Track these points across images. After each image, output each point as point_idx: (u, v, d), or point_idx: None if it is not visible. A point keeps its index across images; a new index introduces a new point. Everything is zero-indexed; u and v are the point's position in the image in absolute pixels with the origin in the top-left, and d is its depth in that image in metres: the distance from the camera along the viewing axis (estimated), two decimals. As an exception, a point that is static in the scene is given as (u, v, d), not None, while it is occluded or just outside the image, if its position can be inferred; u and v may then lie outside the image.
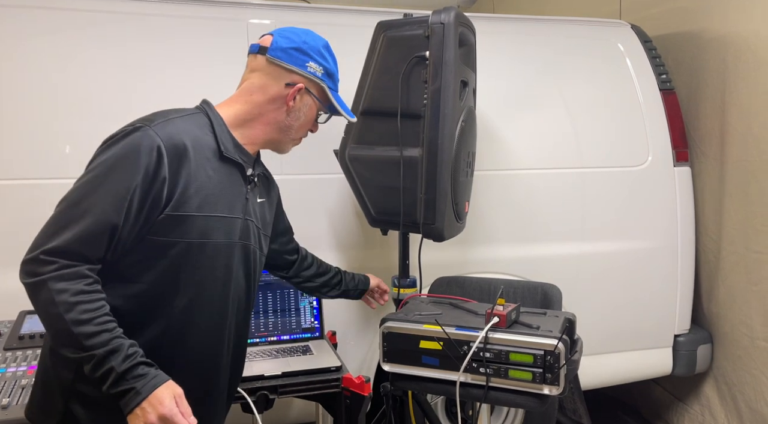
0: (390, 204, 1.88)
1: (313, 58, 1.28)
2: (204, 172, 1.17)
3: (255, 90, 1.26)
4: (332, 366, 1.72)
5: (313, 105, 1.32)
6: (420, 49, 1.77)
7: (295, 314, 2.00)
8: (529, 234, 2.40)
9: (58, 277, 1.04)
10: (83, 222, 1.06)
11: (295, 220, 2.24)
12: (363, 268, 2.31)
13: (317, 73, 1.29)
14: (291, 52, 1.25)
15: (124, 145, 1.10)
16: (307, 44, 1.28)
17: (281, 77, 1.25)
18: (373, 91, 1.86)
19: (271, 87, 1.25)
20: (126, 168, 1.08)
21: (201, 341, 1.24)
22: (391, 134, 1.84)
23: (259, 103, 1.25)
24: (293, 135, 1.33)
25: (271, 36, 1.28)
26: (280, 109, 1.26)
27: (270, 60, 1.25)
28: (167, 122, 1.15)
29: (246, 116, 1.25)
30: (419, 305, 1.83)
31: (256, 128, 1.27)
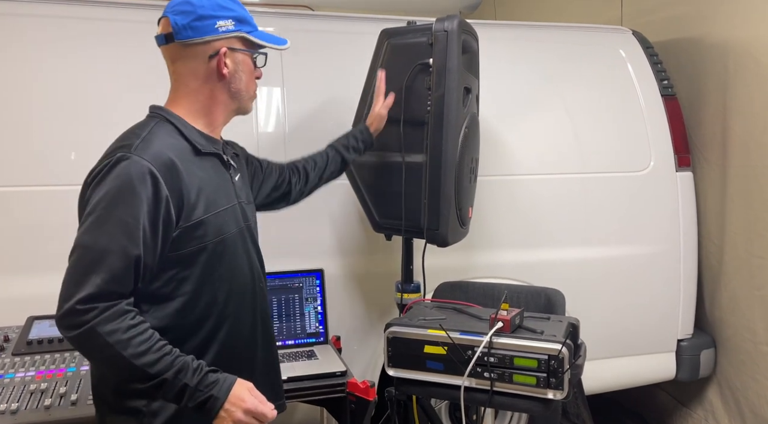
0: (394, 209, 1.89)
1: (217, 16, 1.19)
2: (195, 175, 1.18)
3: (187, 77, 1.21)
4: (337, 371, 1.73)
5: (245, 58, 1.25)
6: (423, 56, 1.79)
7: (299, 319, 2.01)
8: (532, 239, 2.41)
9: (103, 320, 1.05)
10: (106, 263, 1.06)
11: (299, 225, 2.26)
12: (367, 273, 2.33)
13: (230, 29, 1.20)
14: (195, 25, 1.17)
15: (115, 179, 1.08)
16: (203, 8, 1.18)
17: (202, 53, 1.19)
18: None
19: (199, 67, 1.20)
20: (127, 200, 1.08)
21: (241, 326, 1.29)
22: (395, 140, 1.86)
23: (198, 88, 1.21)
24: (245, 94, 1.28)
25: (167, 18, 1.19)
26: (219, 81, 1.22)
27: (183, 43, 1.18)
28: (144, 143, 1.13)
29: (197, 105, 1.22)
30: (423, 309, 1.84)
31: (213, 111, 1.24)
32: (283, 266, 2.16)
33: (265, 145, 2.23)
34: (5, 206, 1.89)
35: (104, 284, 1.05)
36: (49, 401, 1.43)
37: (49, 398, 1.43)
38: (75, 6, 2.04)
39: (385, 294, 2.35)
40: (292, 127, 2.28)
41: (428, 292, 2.12)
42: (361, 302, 2.34)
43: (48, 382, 1.49)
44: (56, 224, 1.99)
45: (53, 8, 2.01)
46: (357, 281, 2.33)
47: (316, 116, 2.30)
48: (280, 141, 2.26)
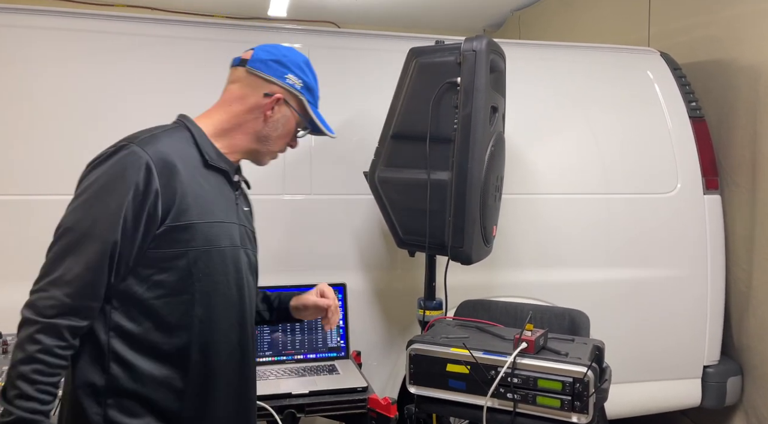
0: (418, 226, 1.90)
1: (292, 70, 1.28)
2: (196, 181, 1.18)
3: (234, 100, 1.27)
4: (359, 386, 1.73)
5: (292, 117, 1.31)
6: (451, 75, 1.80)
7: (321, 333, 2.02)
8: (556, 259, 2.39)
9: (44, 330, 1.05)
10: (83, 247, 1.08)
11: (322, 239, 2.28)
12: (389, 288, 2.33)
13: (296, 86, 1.29)
14: (270, 64, 1.27)
15: (111, 165, 1.11)
16: (287, 58, 1.29)
17: (260, 87, 1.26)
18: (403, 115, 1.90)
19: (250, 97, 1.26)
20: (116, 187, 1.09)
21: (228, 348, 1.23)
22: (421, 158, 1.87)
23: (237, 112, 1.26)
24: (271, 146, 1.32)
25: (252, 50, 1.29)
26: (258, 118, 1.26)
27: (249, 71, 1.27)
28: (152, 138, 1.16)
29: (225, 125, 1.26)
30: (446, 327, 1.83)
31: (236, 137, 1.27)
32: (305, 280, 2.18)
33: (291, 160, 2.27)
34: (19, 214, 1.94)
35: (78, 277, 1.07)
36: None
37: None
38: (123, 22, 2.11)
39: (405, 310, 2.35)
40: (319, 143, 2.31)
41: (450, 309, 2.12)
42: (382, 317, 2.34)
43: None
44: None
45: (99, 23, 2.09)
46: (378, 296, 2.33)
47: (342, 133, 2.33)
48: (306, 156, 2.29)
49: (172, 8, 4.37)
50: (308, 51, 2.32)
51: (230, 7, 4.44)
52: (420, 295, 2.18)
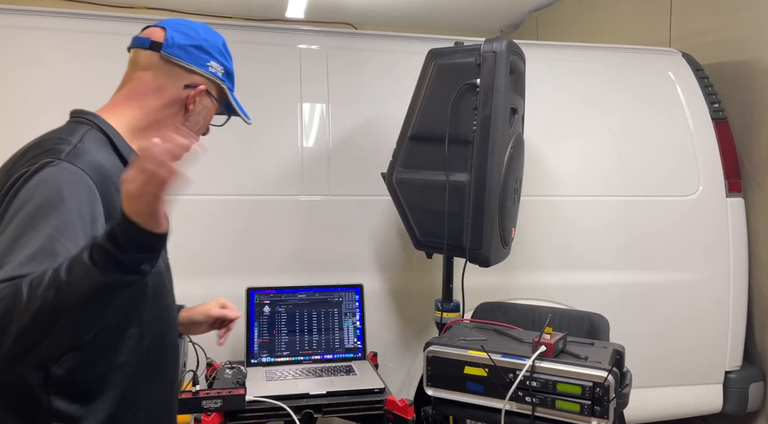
0: (436, 228, 1.90)
1: (214, 56, 1.13)
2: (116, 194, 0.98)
3: (148, 92, 1.07)
4: (376, 388, 1.73)
5: (212, 108, 1.16)
6: (471, 76, 1.80)
7: (338, 334, 2.02)
8: (574, 262, 2.37)
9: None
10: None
11: (339, 240, 2.29)
12: (405, 289, 2.33)
13: (218, 74, 1.13)
14: (191, 50, 1.09)
15: (39, 186, 0.88)
16: (208, 42, 1.12)
17: (180, 78, 1.08)
18: (422, 116, 1.90)
19: (168, 89, 1.08)
20: (54, 211, 0.87)
21: (163, 381, 1.10)
22: (439, 159, 1.86)
23: (154, 108, 1.08)
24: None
25: (163, 30, 1.09)
26: (178, 113, 1.10)
27: (166, 58, 1.07)
28: (77, 150, 0.95)
29: (141, 124, 1.07)
30: (463, 330, 1.83)
31: (152, 136, 1.06)
32: (322, 280, 2.19)
33: (308, 161, 2.28)
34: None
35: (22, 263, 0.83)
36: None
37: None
38: (143, 24, 2.14)
39: (422, 311, 2.35)
40: (336, 143, 2.32)
41: (467, 311, 2.11)
42: (398, 318, 2.34)
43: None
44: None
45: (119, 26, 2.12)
46: (394, 298, 2.33)
47: (360, 133, 2.34)
48: (324, 157, 2.30)
49: (191, 10, 4.42)
50: (326, 52, 2.34)
51: (248, 9, 4.48)
52: (437, 296, 2.18)
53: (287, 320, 1.99)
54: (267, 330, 1.97)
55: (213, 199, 2.18)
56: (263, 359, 1.93)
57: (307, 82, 2.30)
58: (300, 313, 2.01)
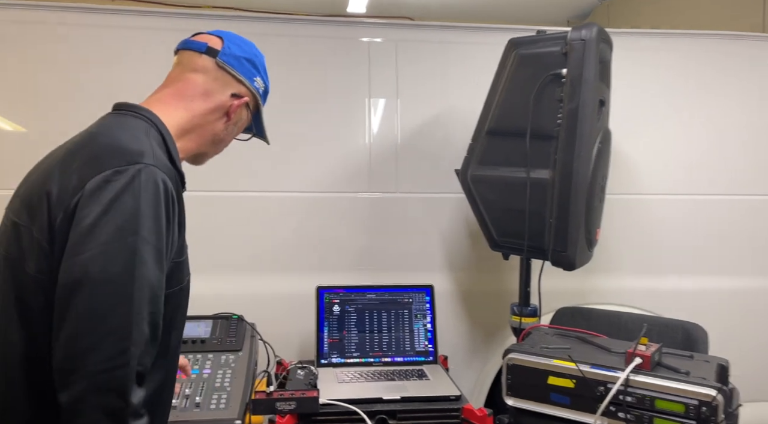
0: (514, 228, 1.80)
1: (260, 72, 1.16)
2: (183, 202, 0.99)
3: (197, 95, 1.07)
4: (452, 395, 1.65)
5: (245, 121, 1.17)
6: (555, 66, 1.68)
7: (408, 336, 1.96)
8: (660, 265, 2.21)
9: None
10: (143, 311, 0.84)
11: (408, 239, 2.22)
12: (474, 291, 2.24)
13: (260, 90, 1.16)
14: (243, 62, 1.11)
15: (136, 194, 0.86)
16: (257, 58, 1.15)
17: (228, 86, 1.10)
18: (500, 110, 1.80)
19: (216, 95, 1.08)
20: (151, 221, 0.87)
21: (173, 386, 1.10)
22: (518, 155, 1.76)
23: (200, 112, 1.07)
24: (219, 149, 1.17)
25: (220, 39, 1.11)
26: (219, 120, 1.10)
27: (221, 64, 1.08)
28: (155, 152, 0.93)
29: (187, 126, 1.06)
30: (544, 336, 1.72)
31: (193, 140, 1.08)
32: (390, 280, 2.13)
33: (376, 155, 2.22)
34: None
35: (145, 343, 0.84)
36: (176, 402, 1.46)
37: (175, 400, 1.47)
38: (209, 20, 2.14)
39: (492, 314, 2.26)
40: (405, 138, 2.25)
41: (543, 316, 2.00)
42: (467, 321, 2.25)
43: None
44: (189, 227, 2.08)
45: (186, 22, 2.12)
46: (464, 299, 2.25)
47: (429, 129, 2.26)
48: (392, 152, 2.24)
49: (254, 8, 4.45)
50: (395, 45, 2.27)
51: (310, 5, 4.48)
52: (508, 299, 2.08)
53: (357, 320, 1.94)
54: (336, 330, 1.92)
55: (280, 196, 2.16)
56: (333, 360, 1.89)
57: (376, 77, 2.24)
58: (369, 313, 1.96)
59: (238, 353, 1.72)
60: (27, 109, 2.00)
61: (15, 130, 2.00)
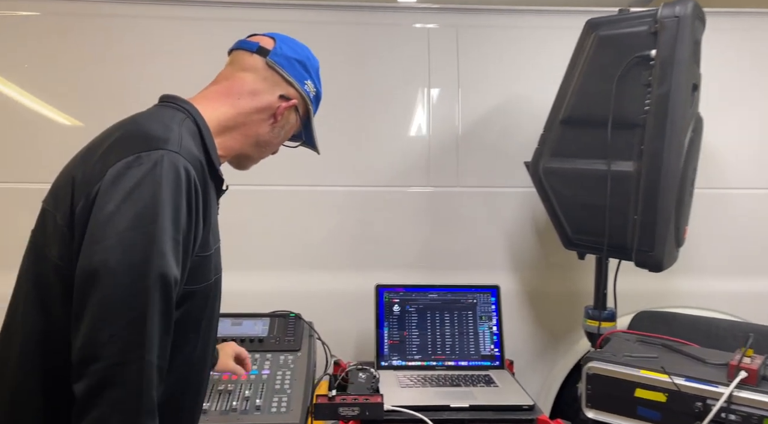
0: (591, 225, 1.65)
1: (311, 76, 1.13)
2: (209, 197, 0.95)
3: (245, 94, 1.05)
4: (524, 404, 1.53)
5: (294, 125, 1.14)
6: (641, 47, 1.53)
7: (473, 339, 1.84)
8: (747, 265, 2.02)
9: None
10: (152, 301, 0.80)
11: (471, 236, 2.11)
12: (540, 292, 2.11)
13: (310, 94, 1.13)
14: (294, 63, 1.09)
15: (156, 182, 0.83)
16: (310, 61, 1.12)
17: (277, 87, 1.07)
18: (577, 97, 1.66)
19: (264, 95, 1.06)
20: (173, 209, 0.84)
21: (205, 382, 1.07)
22: (597, 146, 1.62)
23: (246, 110, 1.05)
24: (264, 153, 1.13)
25: (272, 40, 1.10)
26: (265, 121, 1.07)
27: (270, 64, 1.06)
28: (181, 139, 0.90)
29: (229, 123, 1.04)
30: (625, 343, 1.58)
31: (235, 138, 1.06)
32: (452, 279, 2.02)
33: (436, 147, 2.11)
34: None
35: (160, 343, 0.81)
36: (236, 404, 1.40)
37: (235, 401, 1.41)
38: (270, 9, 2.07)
39: (559, 317, 2.12)
40: (467, 129, 2.13)
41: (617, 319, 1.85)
42: (533, 323, 2.12)
43: (233, 383, 1.48)
44: (243, 223, 2.03)
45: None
46: (530, 300, 2.12)
47: (493, 119, 2.14)
48: (453, 144, 2.12)
49: None
50: (456, 32, 2.15)
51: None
52: (579, 300, 1.94)
53: (418, 321, 1.84)
54: (397, 331, 1.83)
55: (337, 191, 2.08)
56: (394, 362, 1.80)
57: (436, 65, 2.13)
58: (432, 314, 1.86)
59: (296, 353, 1.65)
60: (84, 103, 1.98)
61: (73, 124, 1.99)
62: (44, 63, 1.97)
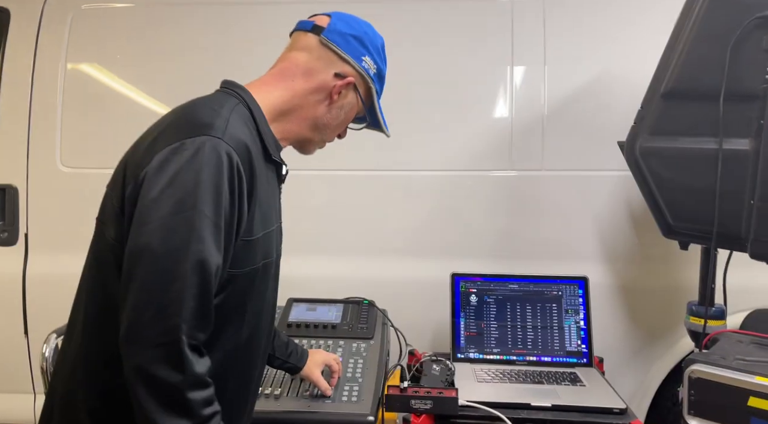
0: (697, 211, 1.47)
1: (370, 52, 1.06)
2: (260, 182, 0.94)
3: (298, 74, 1.02)
4: (615, 408, 1.40)
5: (356, 106, 1.08)
6: (762, 7, 1.33)
7: (558, 334, 1.71)
8: None
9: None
10: (192, 283, 0.81)
11: (556, 223, 1.96)
12: (636, 285, 1.93)
13: (370, 71, 1.06)
14: (349, 39, 1.04)
15: (198, 168, 0.83)
16: (368, 36, 1.06)
17: (332, 65, 1.03)
18: (683, 66, 1.47)
19: (318, 74, 1.02)
20: (215, 194, 0.84)
21: (256, 367, 1.06)
22: (706, 121, 1.43)
23: (300, 91, 1.02)
24: (326, 136, 1.09)
25: (328, 17, 1.06)
26: (321, 102, 1.03)
27: (323, 42, 1.02)
28: (228, 126, 0.89)
29: (285, 106, 1.02)
30: (737, 345, 1.39)
31: (293, 122, 1.03)
32: (536, 270, 1.90)
33: (519, 128, 1.98)
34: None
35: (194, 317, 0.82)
36: (307, 391, 1.38)
37: (307, 388, 1.39)
38: None
39: (656, 313, 1.93)
40: (553, 108, 1.98)
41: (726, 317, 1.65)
42: (627, 319, 1.95)
43: (306, 369, 1.45)
44: (317, 208, 2.02)
45: None
46: (624, 294, 1.94)
47: (582, 96, 1.97)
48: (538, 124, 1.98)
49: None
50: (543, 4, 2.00)
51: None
52: (680, 295, 1.76)
53: (497, 313, 1.74)
54: (474, 322, 1.74)
55: (412, 175, 2.01)
56: (470, 355, 1.71)
57: (520, 40, 1.99)
58: (512, 305, 1.75)
59: (369, 341, 1.61)
60: (178, 92, 2.04)
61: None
62: (138, 53, 2.05)
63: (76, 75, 2.06)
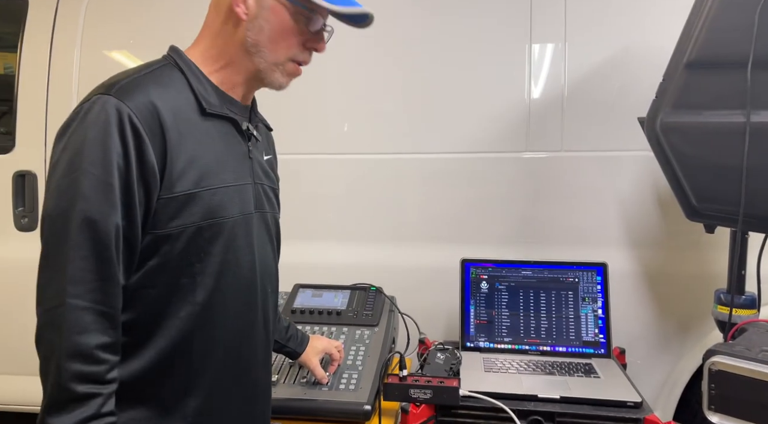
0: (723, 190, 1.35)
1: None
2: (192, 138, 0.91)
3: (212, 15, 0.98)
4: (629, 401, 1.31)
5: (278, 7, 0.94)
6: (796, -37, 1.20)
7: (573, 323, 1.63)
8: None
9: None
10: (84, 246, 0.80)
11: (575, 207, 1.87)
12: (661, 272, 1.82)
13: None
14: None
15: (86, 126, 0.82)
16: None
17: None
18: (708, 33, 1.35)
19: (221, 4, 0.96)
20: (100, 153, 0.82)
21: (232, 333, 1.00)
22: (732, 93, 1.31)
23: (217, 30, 0.96)
24: (269, 56, 0.96)
25: None
26: (237, 26, 0.95)
27: None
28: (130, 83, 0.87)
29: (213, 51, 0.97)
30: (765, 336, 1.28)
31: (231, 63, 0.97)
32: (554, 255, 1.81)
33: (537, 108, 1.89)
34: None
35: (93, 284, 0.80)
36: (304, 378, 1.35)
37: (304, 374, 1.36)
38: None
39: (683, 302, 1.82)
40: (573, 87, 1.87)
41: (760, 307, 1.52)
42: (653, 308, 1.84)
43: (304, 355, 1.43)
44: (328, 193, 1.99)
45: None
46: (647, 281, 1.83)
47: (603, 76, 1.86)
48: (557, 105, 1.88)
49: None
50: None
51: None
52: (706, 283, 1.65)
53: (509, 300, 1.67)
54: (485, 310, 1.67)
55: (424, 158, 1.95)
56: (480, 344, 1.64)
57: (539, 17, 1.89)
58: (525, 293, 1.67)
59: (374, 329, 1.57)
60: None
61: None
62: (154, 40, 2.06)
63: (92, 62, 2.09)
